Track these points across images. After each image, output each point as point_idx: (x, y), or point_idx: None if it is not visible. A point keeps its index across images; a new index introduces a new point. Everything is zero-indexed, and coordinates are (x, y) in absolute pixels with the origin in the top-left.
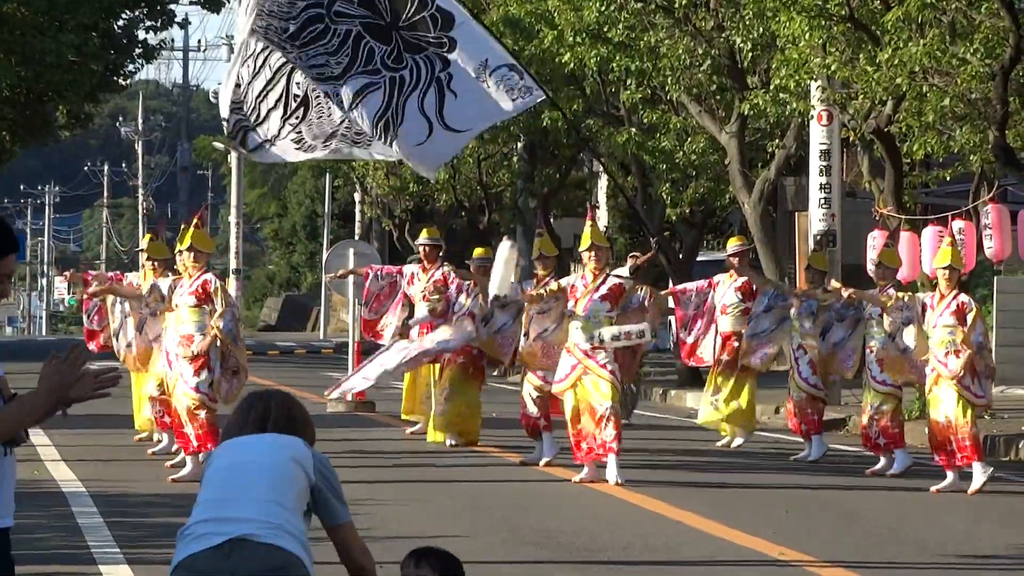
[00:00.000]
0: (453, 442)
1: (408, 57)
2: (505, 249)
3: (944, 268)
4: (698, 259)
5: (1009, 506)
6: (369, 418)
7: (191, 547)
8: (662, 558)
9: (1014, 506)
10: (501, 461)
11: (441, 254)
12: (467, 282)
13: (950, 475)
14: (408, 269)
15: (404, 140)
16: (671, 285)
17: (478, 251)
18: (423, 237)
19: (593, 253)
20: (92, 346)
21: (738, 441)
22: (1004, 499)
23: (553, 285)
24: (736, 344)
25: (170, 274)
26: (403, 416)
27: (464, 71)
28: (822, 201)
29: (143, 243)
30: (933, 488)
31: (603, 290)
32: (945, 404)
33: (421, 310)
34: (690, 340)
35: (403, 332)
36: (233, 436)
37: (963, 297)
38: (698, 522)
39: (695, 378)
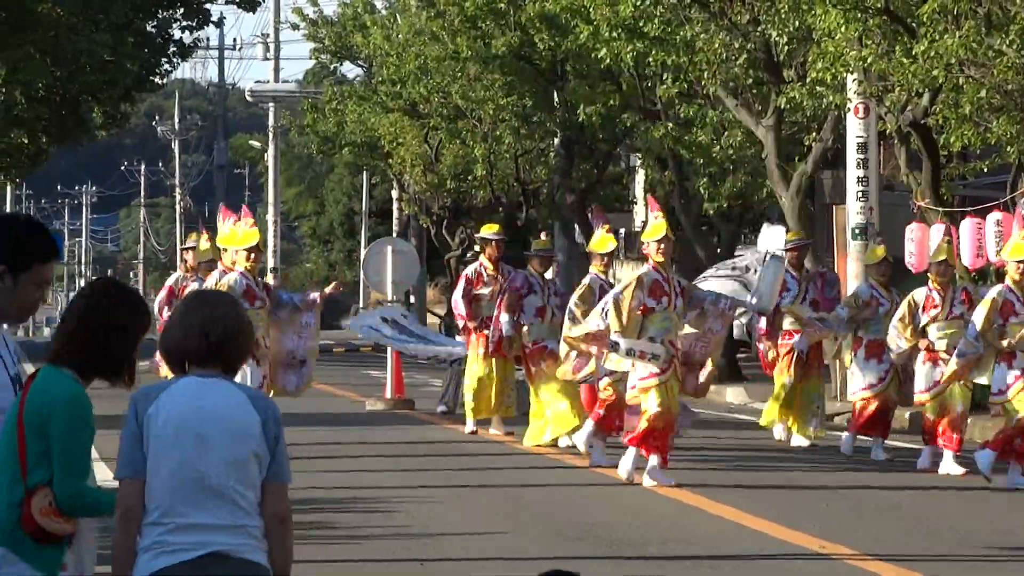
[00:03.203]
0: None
1: None
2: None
3: (1019, 261)
4: (736, 253)
5: None
6: (408, 416)
7: (160, 561)
8: (702, 552)
9: None
10: (538, 457)
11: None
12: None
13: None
14: (471, 268)
15: None
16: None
17: (539, 242)
18: (490, 232)
19: (664, 246)
20: None
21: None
22: None
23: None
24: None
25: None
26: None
27: None
28: (859, 194)
29: (200, 242)
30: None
31: (679, 287)
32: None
33: (491, 309)
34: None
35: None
36: (175, 343)
37: None
38: (738, 516)
39: (734, 372)
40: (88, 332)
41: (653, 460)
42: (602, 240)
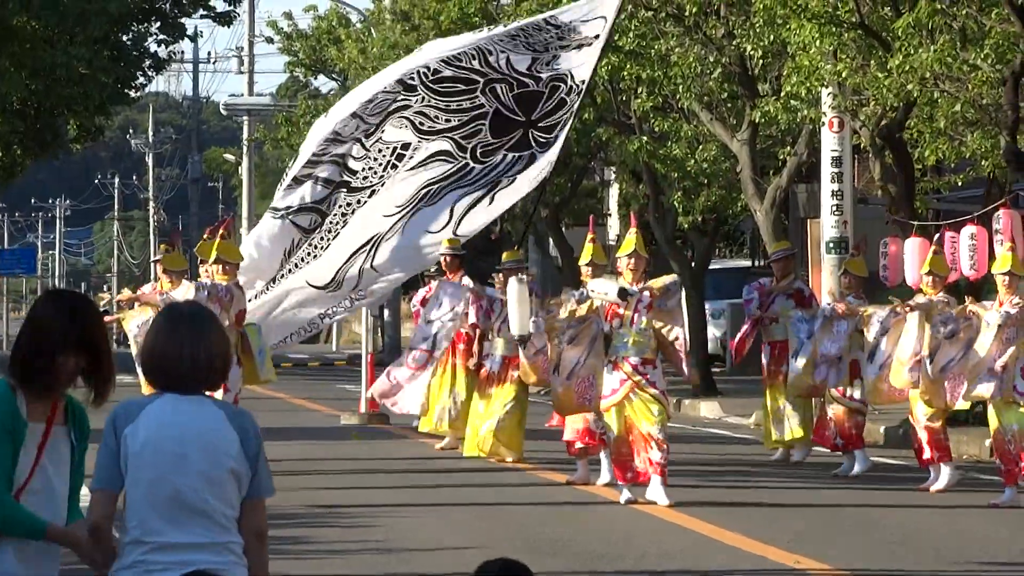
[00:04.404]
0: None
1: (501, 153)
2: (515, 289)
3: (1004, 274)
4: (710, 267)
5: None
6: (382, 430)
7: None
8: (677, 567)
9: None
10: (515, 472)
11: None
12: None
13: (1008, 490)
14: (434, 284)
15: (418, 218)
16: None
17: (509, 254)
18: (444, 247)
19: (633, 261)
20: None
21: (798, 456)
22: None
23: (577, 306)
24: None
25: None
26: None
27: (517, 178)
28: (834, 208)
29: (159, 254)
30: (992, 502)
31: (645, 300)
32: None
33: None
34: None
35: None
36: (157, 366)
37: None
38: (713, 531)
39: (709, 387)
40: (19, 336)
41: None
42: (585, 251)
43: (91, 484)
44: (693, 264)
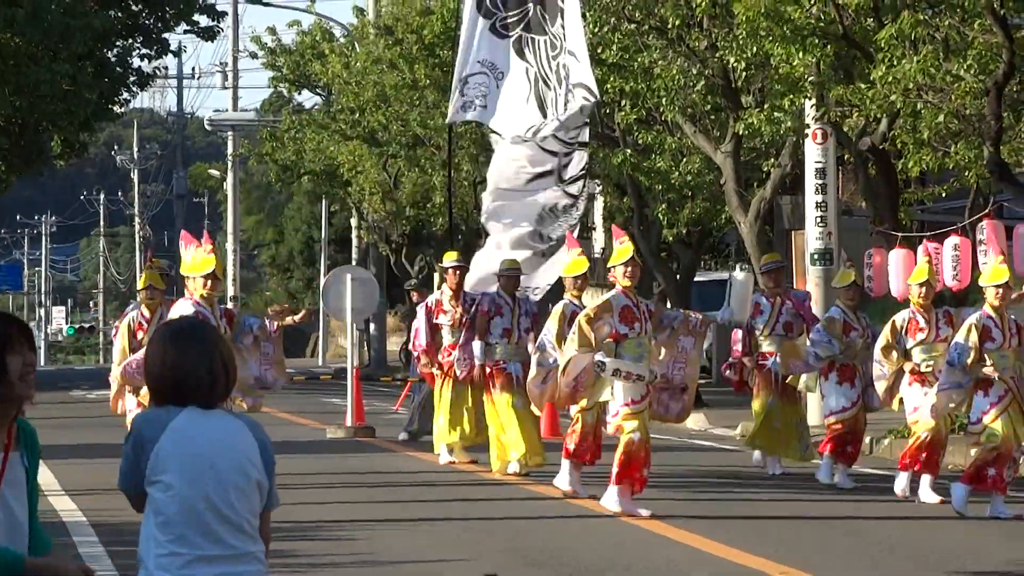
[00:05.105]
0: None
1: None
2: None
3: (998, 286)
4: (695, 279)
5: (1011, 522)
6: (369, 444)
7: None
8: None
9: (1016, 522)
10: (501, 483)
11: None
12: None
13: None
14: (432, 298)
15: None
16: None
17: (506, 261)
18: (450, 260)
19: (630, 269)
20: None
21: (775, 470)
22: None
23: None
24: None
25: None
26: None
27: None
28: (818, 219)
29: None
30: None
31: (647, 310)
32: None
33: (453, 336)
34: (736, 376)
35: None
36: (170, 380)
37: None
38: (699, 542)
39: (695, 399)
40: None
41: (624, 490)
42: (574, 263)
43: (118, 482)
44: (678, 276)
